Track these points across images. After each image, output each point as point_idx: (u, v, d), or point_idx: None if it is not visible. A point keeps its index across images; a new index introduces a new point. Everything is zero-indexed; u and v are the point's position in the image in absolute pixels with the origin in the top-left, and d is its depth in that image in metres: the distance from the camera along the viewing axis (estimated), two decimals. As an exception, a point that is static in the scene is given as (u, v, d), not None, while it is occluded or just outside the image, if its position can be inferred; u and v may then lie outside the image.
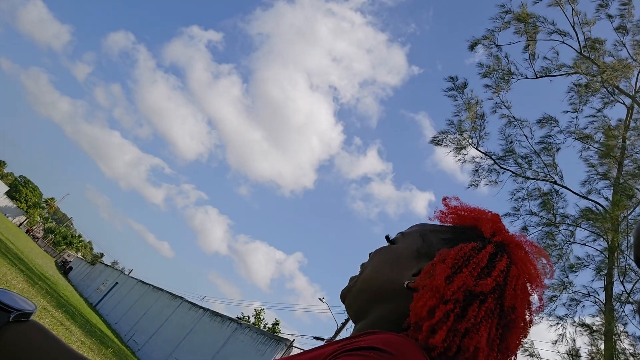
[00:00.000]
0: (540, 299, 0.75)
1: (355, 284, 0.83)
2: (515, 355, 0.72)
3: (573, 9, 9.49)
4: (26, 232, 65.93)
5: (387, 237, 0.86)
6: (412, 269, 0.76)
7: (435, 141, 9.74)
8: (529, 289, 0.73)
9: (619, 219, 8.28)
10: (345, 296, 0.84)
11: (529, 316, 0.73)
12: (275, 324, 40.78)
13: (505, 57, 9.76)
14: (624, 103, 9.64)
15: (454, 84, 9.72)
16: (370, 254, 0.86)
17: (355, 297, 0.81)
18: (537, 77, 9.70)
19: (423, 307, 0.68)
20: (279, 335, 18.60)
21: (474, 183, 9.72)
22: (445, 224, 0.85)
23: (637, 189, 8.45)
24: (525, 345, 8.64)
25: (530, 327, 0.73)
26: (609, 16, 9.63)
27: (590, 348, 8.36)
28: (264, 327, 39.28)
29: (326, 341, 0.77)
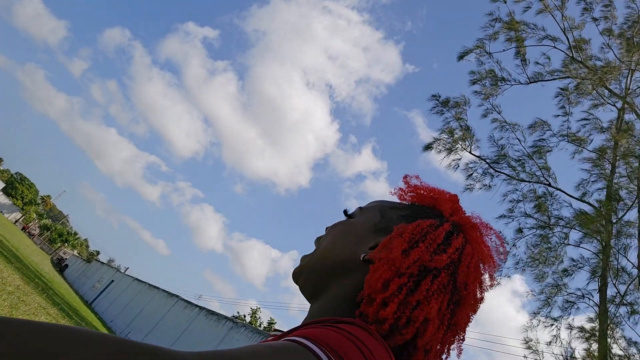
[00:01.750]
0: (492, 278, 0.76)
1: (310, 260, 0.80)
2: (464, 332, 0.73)
3: (562, 15, 9.55)
4: (22, 229, 65.67)
5: (345, 212, 0.84)
6: (369, 242, 0.75)
7: (429, 147, 9.79)
8: (481, 268, 0.74)
9: (613, 221, 8.34)
10: (298, 276, 0.81)
11: (480, 294, 0.74)
12: (271, 323, 40.74)
13: (497, 63, 9.81)
14: (614, 105, 9.70)
15: (438, 100, 9.80)
16: (327, 228, 0.84)
17: (310, 273, 0.79)
18: (530, 82, 9.74)
19: (378, 280, 0.68)
20: (275, 333, 18.59)
21: (468, 187, 9.77)
22: (404, 202, 0.85)
23: (634, 186, 8.48)
24: (529, 343, 8.71)
25: (480, 304, 0.74)
26: (594, 19, 9.71)
27: (584, 349, 8.42)
28: (260, 325, 39.26)
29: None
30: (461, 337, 0.73)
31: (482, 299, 0.74)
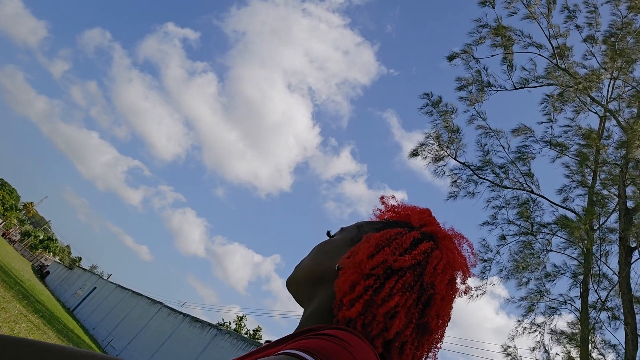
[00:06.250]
0: (465, 283, 0.80)
1: (294, 273, 0.88)
2: (438, 335, 0.76)
3: (548, 22, 9.67)
4: (2, 235, 64.46)
5: (328, 233, 0.92)
6: (345, 254, 0.81)
7: (415, 154, 9.80)
8: (451, 271, 0.78)
9: (594, 227, 8.45)
10: (288, 286, 0.89)
11: (452, 295, 0.78)
12: (257, 330, 40.48)
13: (484, 69, 9.88)
14: (596, 113, 9.83)
15: (429, 100, 9.79)
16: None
17: (297, 285, 0.86)
18: (516, 89, 9.83)
19: (345, 282, 0.73)
20: (260, 341, 18.48)
21: (453, 194, 9.80)
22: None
23: (614, 194, 8.59)
24: (508, 350, 8.76)
25: (450, 305, 0.78)
26: (577, 27, 9.83)
27: (564, 353, 8.49)
28: (246, 333, 38.98)
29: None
30: (437, 341, 0.76)
31: (452, 299, 0.78)
